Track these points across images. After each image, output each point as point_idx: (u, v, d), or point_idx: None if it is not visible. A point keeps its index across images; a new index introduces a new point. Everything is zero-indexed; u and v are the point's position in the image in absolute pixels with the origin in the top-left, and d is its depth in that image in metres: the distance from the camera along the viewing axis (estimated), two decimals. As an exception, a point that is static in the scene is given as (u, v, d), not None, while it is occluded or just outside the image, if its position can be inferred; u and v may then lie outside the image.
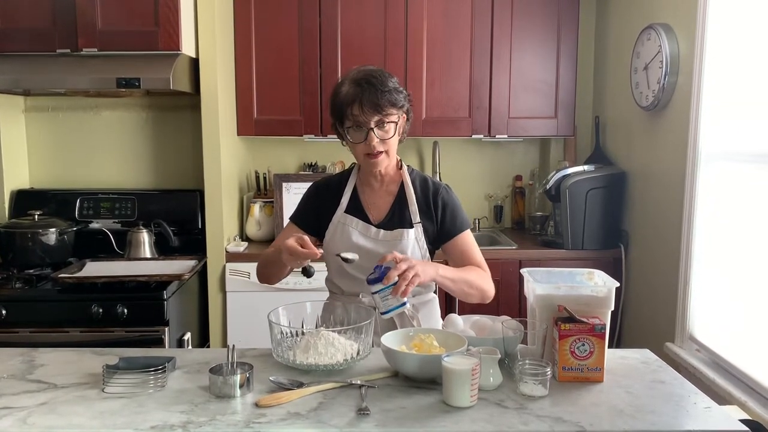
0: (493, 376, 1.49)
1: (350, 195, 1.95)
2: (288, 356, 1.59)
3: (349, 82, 1.82)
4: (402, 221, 1.91)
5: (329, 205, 1.95)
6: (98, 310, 2.55)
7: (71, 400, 1.44)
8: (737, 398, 2.09)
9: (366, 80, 1.79)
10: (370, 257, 1.84)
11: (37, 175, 3.41)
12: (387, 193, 1.95)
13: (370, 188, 1.95)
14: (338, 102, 1.82)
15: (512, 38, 3.31)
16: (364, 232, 1.90)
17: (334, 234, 1.92)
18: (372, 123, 1.79)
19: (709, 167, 2.44)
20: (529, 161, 3.75)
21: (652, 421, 1.35)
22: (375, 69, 1.85)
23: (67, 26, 2.77)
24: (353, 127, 1.81)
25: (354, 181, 1.97)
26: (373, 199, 1.95)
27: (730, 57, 2.34)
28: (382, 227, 1.90)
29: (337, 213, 1.93)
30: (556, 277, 1.73)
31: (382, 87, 1.78)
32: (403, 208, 1.92)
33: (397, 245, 1.87)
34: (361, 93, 1.77)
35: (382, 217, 1.92)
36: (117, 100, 3.33)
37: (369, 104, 1.77)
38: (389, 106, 1.79)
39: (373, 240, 1.89)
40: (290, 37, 3.26)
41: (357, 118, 1.79)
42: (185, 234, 3.20)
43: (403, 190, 1.94)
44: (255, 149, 3.62)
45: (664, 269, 2.74)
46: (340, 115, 1.82)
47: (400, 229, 1.89)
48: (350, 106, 1.79)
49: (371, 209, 1.94)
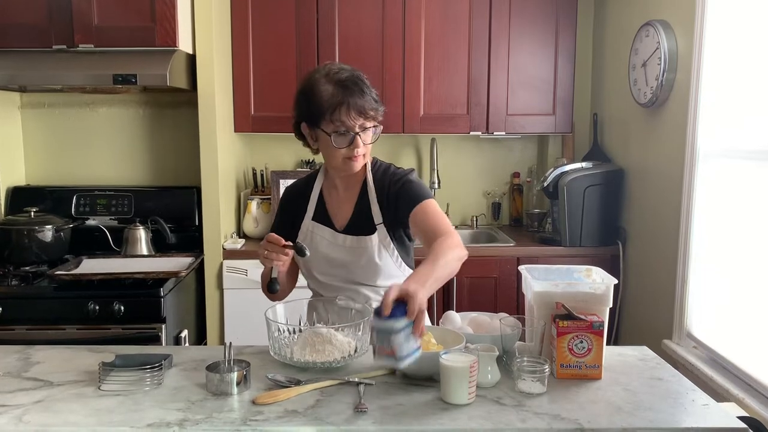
0: (491, 373, 1.49)
1: (316, 201, 1.91)
2: (285, 353, 1.59)
3: (329, 82, 1.72)
4: (364, 225, 1.84)
5: (300, 212, 1.92)
6: (95, 308, 2.54)
7: (67, 398, 1.43)
8: (735, 395, 2.09)
9: (352, 81, 1.72)
10: (341, 266, 1.84)
11: (33, 172, 3.39)
12: (350, 194, 1.88)
13: (336, 191, 1.90)
14: (318, 104, 1.72)
15: (510, 35, 3.30)
16: (331, 240, 1.86)
17: (304, 242, 1.85)
18: (357, 128, 1.73)
19: (707, 164, 2.44)
20: (527, 158, 3.75)
21: (650, 418, 1.35)
22: (350, 68, 1.78)
23: (63, 22, 2.76)
24: (338, 132, 1.73)
25: (320, 185, 1.92)
26: (337, 202, 1.90)
27: (728, 54, 2.33)
28: (346, 233, 1.85)
29: (305, 221, 1.90)
30: (554, 274, 1.73)
31: (367, 90, 1.73)
32: (365, 209, 1.85)
33: (363, 252, 1.83)
34: (349, 95, 1.70)
35: (345, 222, 1.87)
36: (113, 96, 3.31)
37: (356, 108, 1.71)
38: (374, 110, 1.74)
39: (341, 247, 1.85)
40: (287, 34, 3.25)
41: (344, 123, 1.71)
42: (182, 231, 3.19)
43: (365, 189, 1.87)
44: (252, 146, 3.61)
45: (661, 266, 2.74)
46: (317, 118, 1.73)
47: (362, 236, 1.83)
48: (336, 109, 1.70)
49: (336, 214, 1.89)
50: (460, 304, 3.08)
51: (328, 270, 1.88)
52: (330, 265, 1.87)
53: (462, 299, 3.11)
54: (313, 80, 1.75)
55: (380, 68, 3.23)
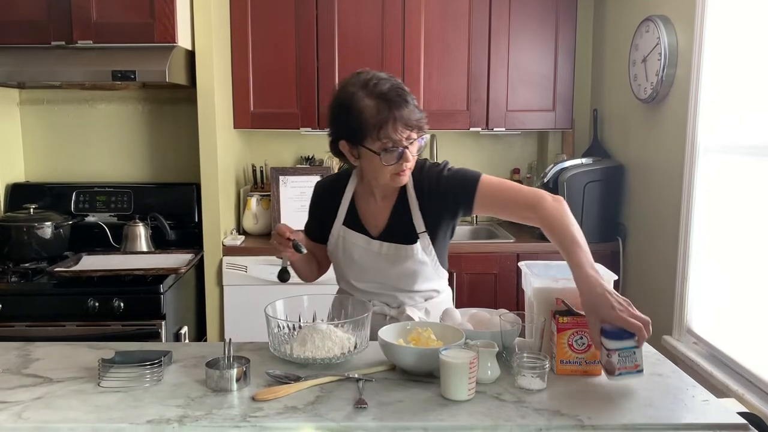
0: (491, 369, 1.49)
1: (348, 206, 1.82)
2: (285, 350, 1.59)
3: (369, 95, 1.60)
4: (405, 232, 1.77)
5: (329, 213, 1.85)
6: (94, 304, 2.54)
7: (67, 395, 1.43)
8: (735, 391, 2.09)
9: (395, 93, 1.60)
10: (376, 273, 1.81)
11: (32, 169, 3.39)
12: (386, 201, 1.79)
13: (372, 198, 1.81)
14: (361, 121, 1.60)
15: (510, 31, 3.29)
16: (365, 247, 1.79)
17: (336, 247, 1.84)
18: (405, 141, 1.62)
19: (708, 160, 2.43)
20: (527, 154, 3.74)
21: (650, 414, 1.35)
22: (390, 77, 1.66)
23: (62, 18, 2.75)
24: (386, 150, 1.62)
25: (352, 189, 1.83)
26: (373, 209, 1.81)
27: (728, 49, 2.33)
28: (383, 239, 1.78)
29: (336, 225, 1.83)
30: (553, 270, 1.72)
31: (411, 100, 1.62)
32: (404, 216, 1.77)
33: (402, 260, 1.77)
34: (395, 109, 1.59)
35: (382, 228, 1.79)
36: (113, 92, 3.31)
37: (404, 122, 1.60)
38: (419, 119, 1.64)
39: (376, 254, 1.79)
40: (287, 29, 3.24)
41: (392, 139, 1.60)
42: (182, 227, 3.19)
43: (404, 195, 1.77)
44: (252, 142, 3.60)
45: (661, 262, 2.73)
46: (360, 136, 1.62)
47: (403, 244, 1.76)
48: (383, 126, 1.59)
49: (369, 220, 1.81)
50: (460, 301, 3.08)
51: (363, 276, 1.83)
52: (365, 272, 1.82)
53: (462, 295, 3.11)
54: (350, 95, 1.63)
55: (380, 64, 3.22)
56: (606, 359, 1.46)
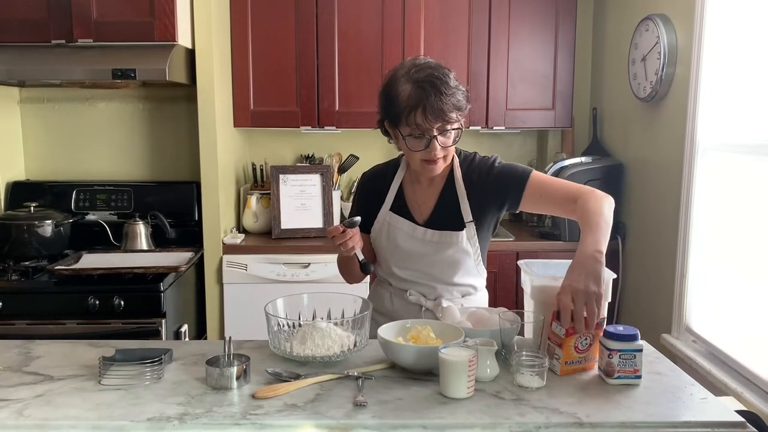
0: (490, 367, 1.49)
1: (396, 192, 1.84)
2: (285, 348, 1.59)
3: (408, 81, 1.64)
4: (451, 220, 1.79)
5: (377, 200, 1.86)
6: (95, 302, 2.54)
7: (68, 392, 1.44)
8: (733, 389, 2.09)
9: (429, 82, 1.61)
10: (418, 260, 1.81)
11: (32, 167, 3.39)
12: (434, 189, 1.82)
13: (419, 185, 1.83)
14: (396, 105, 1.64)
15: (510, 30, 3.29)
16: (410, 233, 1.81)
17: (380, 233, 1.84)
18: (435, 131, 1.64)
19: (707, 158, 2.44)
20: (527, 153, 3.74)
21: (648, 412, 1.35)
22: (434, 65, 1.66)
23: (62, 17, 2.75)
24: (413, 135, 1.65)
25: (401, 176, 1.85)
26: (419, 196, 1.83)
27: (728, 48, 2.33)
28: (428, 226, 1.80)
29: (382, 211, 1.84)
30: (553, 269, 1.73)
31: (446, 90, 1.61)
32: (452, 203, 1.79)
33: (446, 247, 1.78)
34: (425, 98, 1.60)
35: (428, 215, 1.81)
36: (113, 91, 3.31)
37: (433, 111, 1.60)
38: (453, 111, 1.63)
39: (420, 241, 1.80)
40: (287, 28, 3.24)
41: (420, 126, 1.63)
42: (182, 226, 3.19)
43: (452, 183, 1.80)
44: (252, 141, 3.61)
45: (661, 261, 2.74)
46: (396, 119, 1.66)
47: (448, 231, 1.78)
48: (413, 112, 1.62)
49: (416, 207, 1.83)
50: (459, 299, 3.09)
51: (405, 263, 1.83)
52: (407, 259, 1.82)
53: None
54: (395, 78, 1.68)
55: (380, 62, 3.23)
56: (606, 360, 1.47)
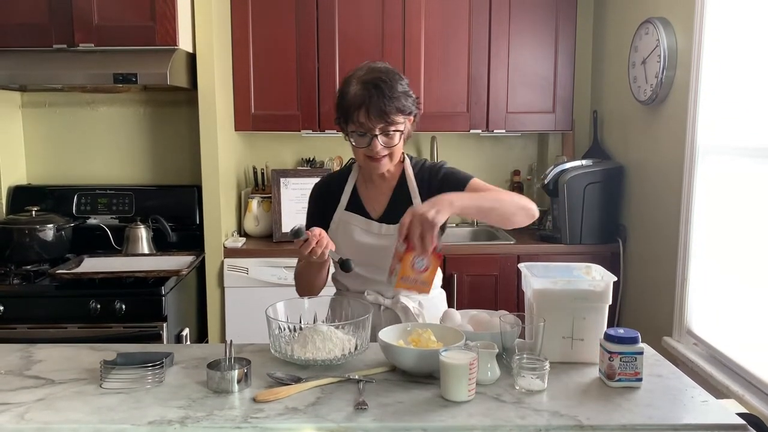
0: (491, 370, 1.49)
1: (350, 192, 1.92)
2: (286, 351, 1.59)
3: (357, 82, 1.74)
4: (402, 214, 1.85)
5: (332, 204, 1.93)
6: (96, 306, 2.54)
7: (69, 396, 1.44)
8: (734, 392, 2.09)
9: (374, 84, 1.72)
10: (373, 254, 1.83)
11: (34, 171, 3.40)
12: (388, 187, 1.91)
13: (372, 184, 1.92)
14: (345, 103, 1.76)
15: (510, 33, 3.30)
16: (366, 228, 1.87)
17: (336, 232, 1.89)
18: (377, 130, 1.74)
19: (707, 161, 2.44)
20: (527, 156, 3.75)
21: (649, 415, 1.35)
22: (385, 69, 1.78)
23: (63, 21, 2.76)
24: (357, 132, 1.76)
25: (354, 178, 1.94)
26: (374, 194, 1.92)
27: (728, 51, 2.33)
28: (383, 221, 1.87)
29: (338, 211, 1.91)
30: (553, 272, 1.73)
31: (390, 92, 1.71)
32: (404, 200, 1.87)
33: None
34: (368, 98, 1.70)
35: (382, 212, 1.89)
36: (114, 95, 3.32)
37: (375, 111, 1.70)
38: (396, 113, 1.73)
39: (376, 235, 1.87)
40: (287, 32, 3.25)
41: (363, 125, 1.73)
42: (183, 230, 3.19)
43: (404, 181, 1.90)
44: (252, 144, 3.61)
45: (661, 264, 2.74)
46: (346, 117, 1.77)
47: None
48: (357, 110, 1.72)
49: (371, 205, 1.91)
50: (460, 302, 3.09)
51: (362, 258, 1.85)
52: (364, 253, 1.85)
53: (462, 297, 3.12)
54: (349, 78, 1.78)
55: (380, 66, 3.23)
56: (607, 363, 1.47)
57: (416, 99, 1.82)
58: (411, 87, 1.84)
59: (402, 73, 1.84)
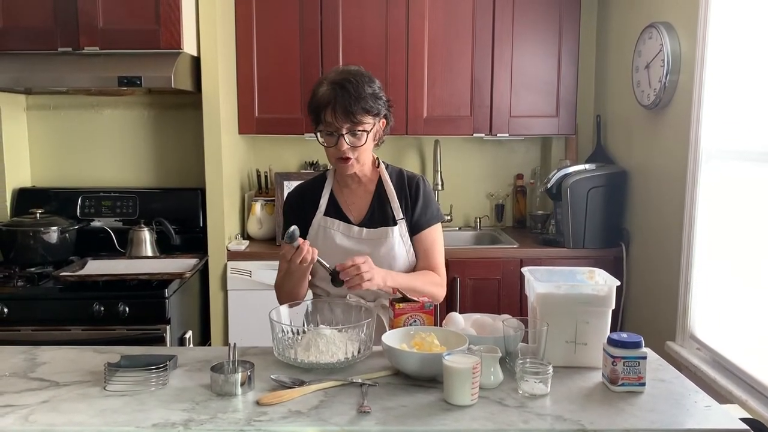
0: (494, 374, 1.50)
1: (328, 197, 1.94)
2: (289, 354, 1.60)
3: (327, 83, 1.79)
4: (384, 218, 1.90)
5: (310, 210, 1.93)
6: (100, 309, 2.55)
7: (73, 398, 1.44)
8: (738, 397, 2.09)
9: (341, 84, 1.75)
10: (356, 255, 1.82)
11: (38, 174, 3.41)
12: (365, 192, 1.93)
13: (348, 189, 1.94)
14: (314, 103, 1.80)
15: (514, 37, 3.30)
16: (346, 233, 1.89)
17: (316, 238, 1.90)
18: (343, 129, 1.77)
19: (711, 166, 2.44)
20: (531, 160, 3.75)
21: (652, 420, 1.35)
22: (354, 71, 1.81)
23: (68, 25, 2.78)
24: (325, 131, 1.80)
25: (331, 183, 1.96)
26: (351, 199, 1.94)
27: (731, 55, 2.33)
28: (364, 226, 1.89)
29: (317, 216, 1.92)
30: (556, 276, 1.73)
31: (356, 93, 1.75)
32: (383, 205, 1.91)
33: (381, 243, 1.87)
34: (335, 98, 1.74)
35: (362, 216, 1.91)
36: (118, 98, 3.33)
37: (342, 110, 1.74)
38: (363, 114, 1.77)
39: (356, 240, 1.89)
40: (291, 35, 3.26)
41: (330, 124, 1.77)
42: (187, 232, 3.20)
43: (382, 187, 1.93)
44: (256, 147, 3.62)
45: (665, 268, 2.74)
46: (316, 117, 1.81)
47: (383, 227, 1.89)
48: (324, 110, 1.76)
49: (351, 209, 1.93)
50: (463, 306, 3.09)
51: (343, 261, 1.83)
52: (345, 257, 1.82)
53: (465, 301, 3.12)
54: (321, 80, 1.83)
55: (384, 70, 3.24)
56: (611, 367, 1.47)
57: (388, 101, 1.86)
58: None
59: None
